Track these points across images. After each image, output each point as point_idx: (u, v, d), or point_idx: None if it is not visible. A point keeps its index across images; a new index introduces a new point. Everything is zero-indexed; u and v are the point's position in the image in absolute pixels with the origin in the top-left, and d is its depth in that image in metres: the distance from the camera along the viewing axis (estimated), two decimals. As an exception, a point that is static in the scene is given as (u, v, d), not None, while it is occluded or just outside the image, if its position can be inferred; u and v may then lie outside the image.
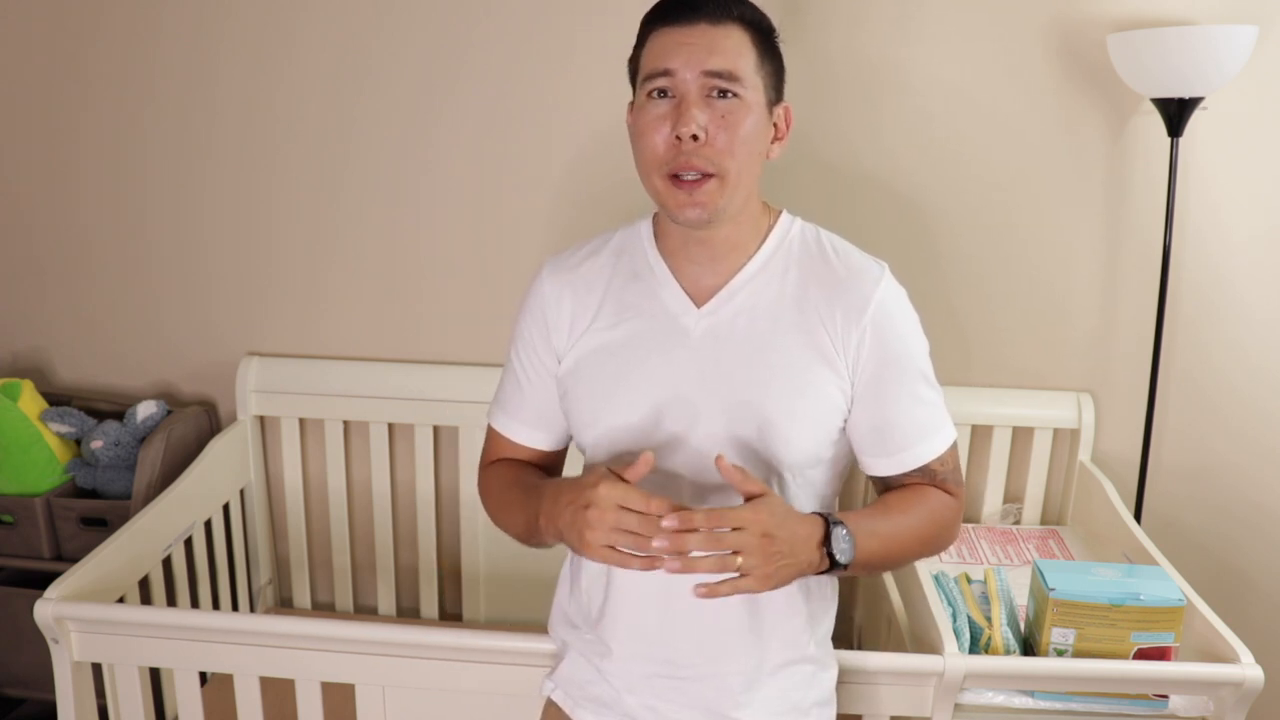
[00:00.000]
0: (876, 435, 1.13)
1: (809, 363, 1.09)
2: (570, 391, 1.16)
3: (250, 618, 1.60)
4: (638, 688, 1.15)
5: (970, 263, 1.96)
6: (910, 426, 1.13)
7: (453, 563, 2.18)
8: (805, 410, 1.09)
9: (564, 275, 1.18)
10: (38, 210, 2.14)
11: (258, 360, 2.10)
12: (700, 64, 1.03)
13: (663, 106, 1.05)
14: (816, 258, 1.13)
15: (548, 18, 1.91)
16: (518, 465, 1.24)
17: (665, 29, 1.06)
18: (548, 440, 1.24)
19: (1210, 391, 1.97)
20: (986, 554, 1.88)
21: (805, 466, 1.11)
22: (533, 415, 1.22)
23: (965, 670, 1.33)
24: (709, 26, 1.04)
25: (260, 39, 1.98)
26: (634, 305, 1.13)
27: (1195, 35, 1.67)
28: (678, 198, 1.05)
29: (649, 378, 1.10)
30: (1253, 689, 1.31)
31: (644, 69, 1.08)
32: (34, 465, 1.94)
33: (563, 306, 1.16)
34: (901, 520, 1.12)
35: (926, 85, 1.89)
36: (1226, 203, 1.89)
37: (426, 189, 2.03)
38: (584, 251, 1.20)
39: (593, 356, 1.14)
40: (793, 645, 1.15)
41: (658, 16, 1.07)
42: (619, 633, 1.14)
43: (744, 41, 1.05)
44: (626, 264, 1.16)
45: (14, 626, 1.91)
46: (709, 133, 1.03)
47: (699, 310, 1.11)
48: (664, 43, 1.05)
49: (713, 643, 1.12)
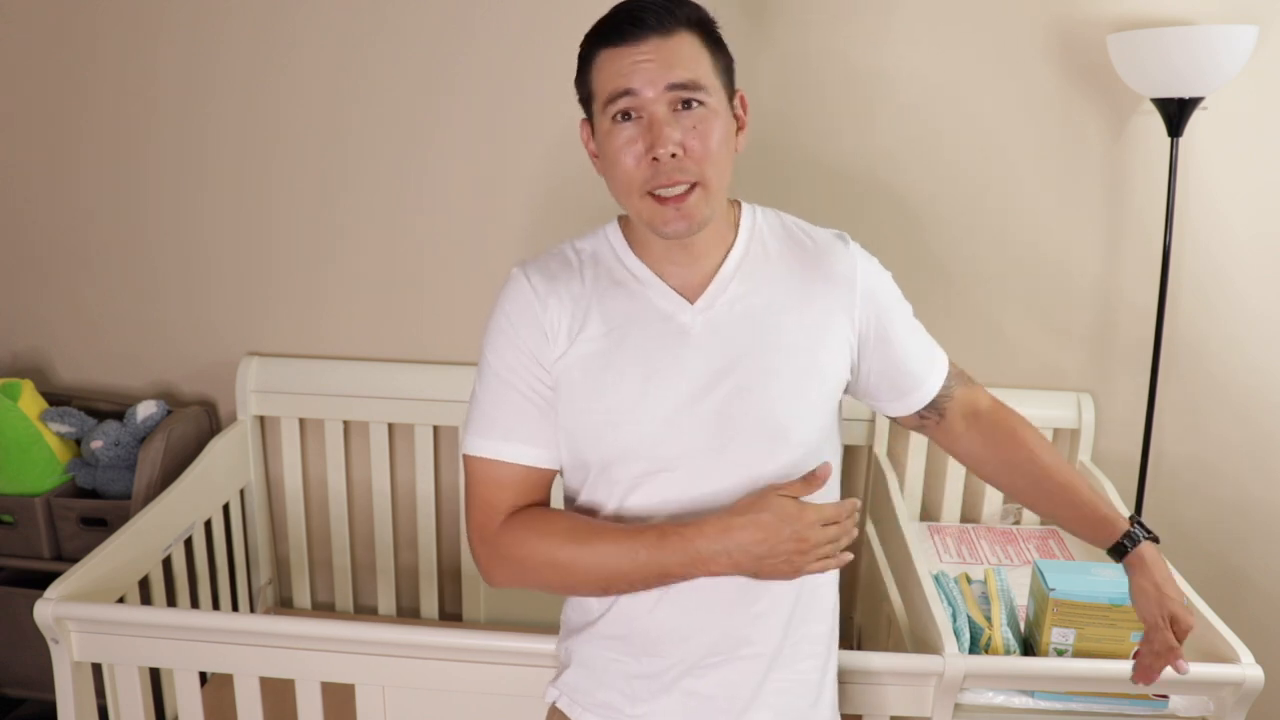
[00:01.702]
0: (903, 379, 1.19)
1: (811, 340, 1.11)
2: (572, 407, 1.09)
3: (250, 618, 1.60)
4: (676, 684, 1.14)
5: (970, 263, 1.96)
6: (922, 353, 1.20)
7: (454, 562, 2.19)
8: (814, 387, 1.10)
9: (546, 283, 1.12)
10: (38, 210, 2.14)
11: (258, 360, 2.10)
12: (662, 79, 1.02)
13: (631, 129, 1.04)
14: (787, 238, 1.15)
15: (546, 19, 1.91)
16: (564, 514, 1.11)
17: (613, 49, 1.04)
18: (556, 462, 1.12)
19: (1210, 391, 1.97)
20: (986, 554, 1.88)
21: (818, 445, 1.12)
22: (545, 436, 1.10)
23: (965, 670, 1.33)
24: (660, 39, 1.02)
25: (260, 41, 1.98)
26: (623, 313, 1.10)
27: (1195, 35, 1.67)
28: (663, 214, 1.04)
29: (661, 384, 1.08)
30: (1253, 689, 1.31)
31: (600, 92, 1.06)
32: (34, 465, 1.94)
33: (549, 313, 1.10)
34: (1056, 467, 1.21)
35: (926, 86, 1.89)
36: (1226, 203, 1.89)
37: (426, 190, 2.03)
38: (556, 261, 1.15)
39: (589, 368, 1.09)
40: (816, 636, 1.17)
41: (601, 37, 1.06)
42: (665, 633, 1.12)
43: (696, 45, 1.04)
44: (605, 273, 1.13)
45: (14, 626, 1.91)
46: (685, 146, 1.03)
47: (693, 306, 1.11)
48: (617, 63, 1.04)
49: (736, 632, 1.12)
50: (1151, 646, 1.17)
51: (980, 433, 1.23)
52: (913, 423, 1.24)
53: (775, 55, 1.89)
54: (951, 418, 1.23)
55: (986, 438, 1.23)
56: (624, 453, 1.09)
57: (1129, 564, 1.18)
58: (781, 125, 1.89)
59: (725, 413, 1.08)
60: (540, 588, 1.10)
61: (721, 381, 1.08)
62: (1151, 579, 1.17)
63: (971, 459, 1.26)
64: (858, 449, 2.06)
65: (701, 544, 1.03)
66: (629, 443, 1.08)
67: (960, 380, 1.24)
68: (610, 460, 1.10)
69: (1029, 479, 1.22)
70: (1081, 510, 1.21)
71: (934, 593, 1.49)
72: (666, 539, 1.04)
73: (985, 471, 1.27)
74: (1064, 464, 1.22)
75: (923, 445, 2.03)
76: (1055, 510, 1.23)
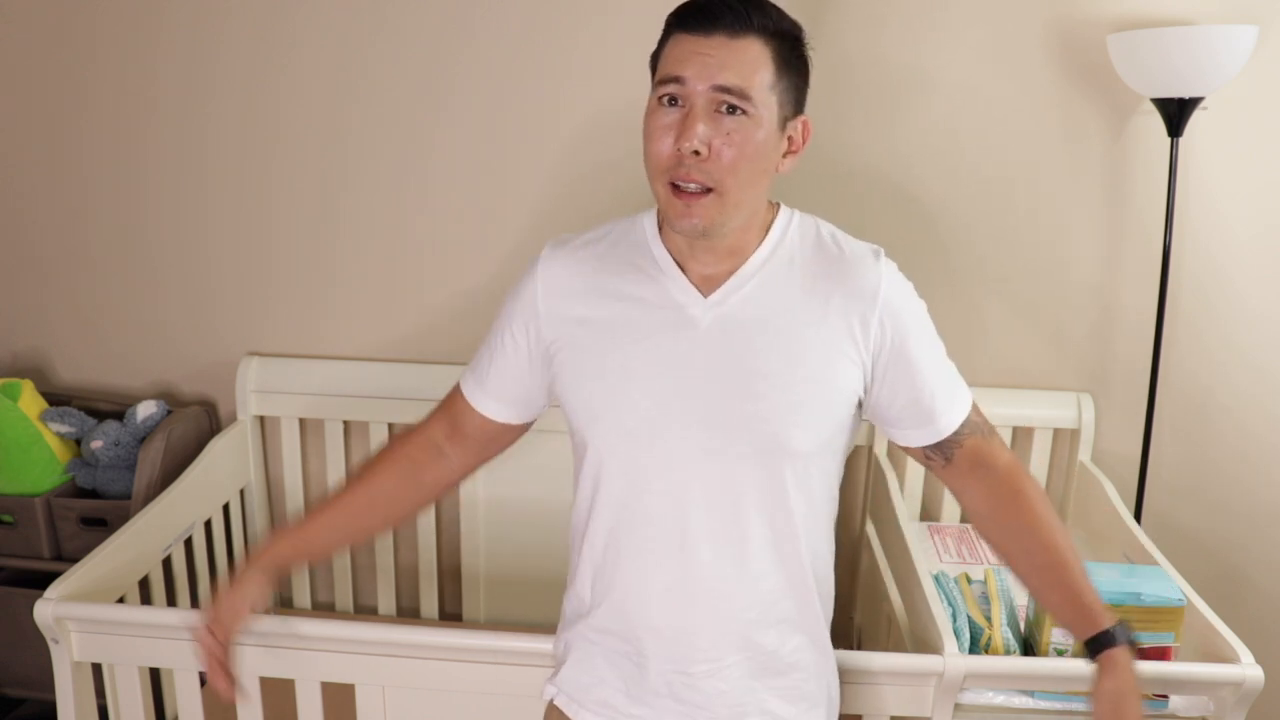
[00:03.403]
0: (914, 408, 1.14)
1: (822, 351, 1.09)
2: (571, 379, 1.14)
3: (250, 618, 1.60)
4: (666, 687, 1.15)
5: (970, 262, 1.96)
6: (941, 389, 1.15)
7: (454, 562, 2.18)
8: (818, 397, 1.09)
9: (563, 258, 1.17)
10: (38, 210, 2.14)
11: (258, 360, 2.10)
12: (711, 77, 1.01)
13: (671, 114, 1.04)
14: (817, 248, 1.14)
15: (546, 19, 1.91)
16: (383, 465, 1.25)
17: (684, 35, 1.04)
18: (518, 418, 1.24)
19: (1210, 391, 1.97)
20: (986, 554, 1.88)
21: (816, 454, 1.11)
22: (512, 394, 1.21)
23: (965, 670, 1.33)
24: (727, 39, 1.02)
25: (260, 41, 1.98)
26: (631, 295, 1.12)
27: (1195, 35, 1.67)
28: (676, 207, 1.05)
29: (660, 368, 1.09)
30: (1253, 689, 1.31)
31: (660, 70, 1.06)
32: (34, 465, 1.94)
33: (558, 286, 1.15)
34: (1059, 540, 1.16)
35: (925, 86, 1.89)
36: (1226, 203, 1.89)
37: (426, 189, 2.03)
38: (582, 239, 1.19)
39: (591, 346, 1.13)
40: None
41: (680, 20, 1.06)
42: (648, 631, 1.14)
43: (762, 55, 1.03)
44: (625, 254, 1.15)
45: (14, 626, 1.91)
46: (712, 148, 1.02)
47: (706, 300, 1.11)
48: (681, 49, 1.04)
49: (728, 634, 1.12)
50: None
51: (985, 487, 1.18)
52: (918, 457, 1.20)
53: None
54: (958, 468, 1.18)
55: (989, 493, 1.18)
56: (621, 432, 1.11)
57: (1101, 662, 1.12)
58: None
59: (720, 410, 1.08)
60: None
61: (721, 379, 1.08)
62: (1117, 686, 1.11)
63: (970, 509, 1.22)
64: (858, 449, 2.06)
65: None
66: (623, 424, 1.10)
67: (978, 430, 1.18)
68: (605, 439, 1.12)
69: (1021, 549, 1.17)
70: (1068, 593, 1.15)
71: (934, 593, 1.49)
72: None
73: (980, 527, 1.22)
74: (1066, 545, 1.16)
75: (923, 445, 2.02)
76: (1040, 587, 1.19)
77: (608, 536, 1.14)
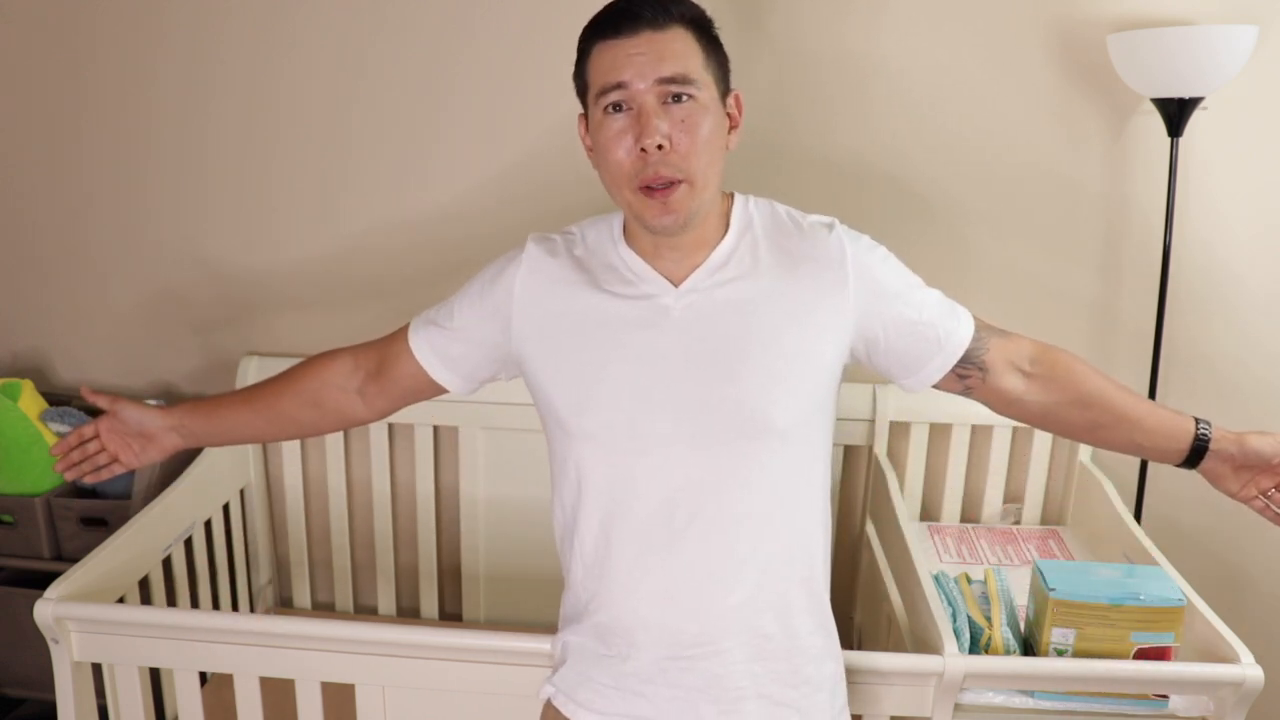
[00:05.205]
0: (919, 340, 1.16)
1: (796, 327, 1.11)
2: (546, 373, 1.15)
3: (250, 618, 1.60)
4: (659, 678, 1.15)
5: (970, 262, 1.96)
6: (936, 310, 1.17)
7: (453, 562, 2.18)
8: (795, 373, 1.10)
9: (545, 253, 1.19)
10: (38, 210, 2.14)
11: (258, 360, 2.10)
12: (652, 72, 1.04)
13: (621, 120, 1.07)
14: (776, 227, 1.16)
15: (546, 19, 1.91)
16: (295, 378, 1.31)
17: (608, 42, 1.07)
18: (453, 386, 1.26)
19: (1210, 390, 1.97)
20: (986, 554, 1.88)
21: (798, 428, 1.12)
22: (458, 365, 1.23)
23: (965, 670, 1.33)
24: (653, 33, 1.05)
25: (260, 41, 1.98)
26: (607, 290, 1.14)
27: (1195, 35, 1.67)
28: (651, 208, 1.07)
29: (634, 360, 1.10)
30: (1253, 689, 1.31)
31: (594, 84, 1.09)
32: (34, 465, 1.94)
33: (538, 279, 1.17)
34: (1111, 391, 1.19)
35: (925, 86, 1.89)
36: (1226, 203, 1.89)
37: (426, 189, 2.03)
38: (564, 236, 1.21)
39: (561, 345, 1.14)
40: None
41: (597, 30, 1.09)
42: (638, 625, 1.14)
43: (689, 41, 1.07)
44: (599, 252, 1.17)
45: (14, 626, 1.91)
46: (672, 140, 1.05)
47: (677, 290, 1.12)
48: (611, 56, 1.06)
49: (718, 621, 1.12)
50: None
51: (1041, 383, 1.19)
52: (958, 387, 1.20)
53: (774, 52, 1.89)
54: (998, 372, 1.18)
55: (1048, 384, 1.18)
56: (593, 423, 1.12)
57: (1217, 444, 1.21)
58: (780, 121, 1.89)
59: (700, 396, 1.09)
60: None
61: (699, 365, 1.10)
62: (1251, 439, 1.22)
63: (1043, 414, 1.21)
64: (858, 449, 2.06)
65: None
66: (602, 415, 1.11)
67: (993, 332, 1.19)
68: (587, 430, 1.12)
69: (1110, 413, 1.18)
70: (1158, 427, 1.19)
71: (934, 593, 1.49)
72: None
73: (1060, 422, 1.21)
74: (1125, 390, 1.19)
75: (923, 445, 2.03)
76: (1134, 435, 1.20)
77: (598, 530, 1.14)
